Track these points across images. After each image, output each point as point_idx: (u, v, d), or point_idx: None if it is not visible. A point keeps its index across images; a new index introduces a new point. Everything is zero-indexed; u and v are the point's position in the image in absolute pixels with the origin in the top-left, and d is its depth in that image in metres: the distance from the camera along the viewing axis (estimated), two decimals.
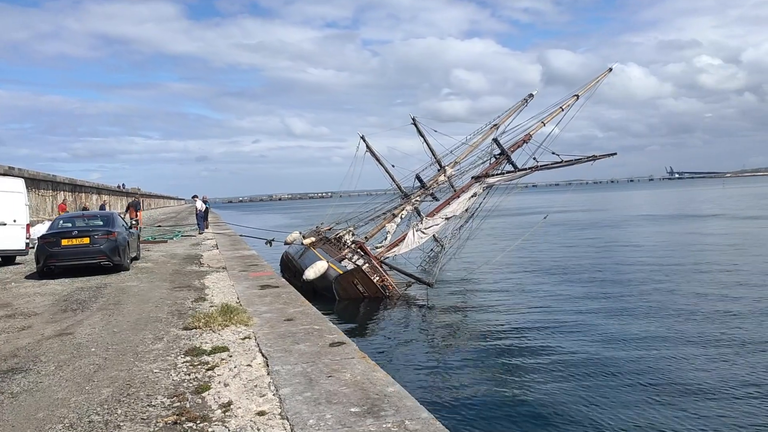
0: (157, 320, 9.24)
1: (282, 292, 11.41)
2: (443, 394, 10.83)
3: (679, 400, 10.24)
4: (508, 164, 23.90)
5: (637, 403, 10.17)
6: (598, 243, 36.42)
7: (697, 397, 10.37)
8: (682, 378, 11.30)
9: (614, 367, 12.02)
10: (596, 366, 12.19)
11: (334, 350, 6.87)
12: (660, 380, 11.22)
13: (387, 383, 5.63)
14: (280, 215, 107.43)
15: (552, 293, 20.67)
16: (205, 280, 13.81)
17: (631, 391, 10.75)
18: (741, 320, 15.39)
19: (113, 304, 10.90)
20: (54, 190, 36.44)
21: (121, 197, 56.90)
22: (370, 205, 28.31)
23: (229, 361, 6.70)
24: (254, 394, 5.54)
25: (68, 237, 15.23)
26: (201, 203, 33.32)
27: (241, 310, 9.09)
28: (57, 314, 10.10)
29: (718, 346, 13.23)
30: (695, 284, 20.95)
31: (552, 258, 29.85)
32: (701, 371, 11.69)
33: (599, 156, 22.83)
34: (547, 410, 9.97)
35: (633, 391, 10.74)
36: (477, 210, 24.18)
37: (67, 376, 6.42)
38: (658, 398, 10.34)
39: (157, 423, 4.94)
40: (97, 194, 47.72)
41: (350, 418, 4.77)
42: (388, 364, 12.30)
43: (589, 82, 24.84)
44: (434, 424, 4.64)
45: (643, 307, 17.52)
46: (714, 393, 10.51)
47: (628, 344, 13.75)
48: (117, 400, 5.54)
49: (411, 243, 22.91)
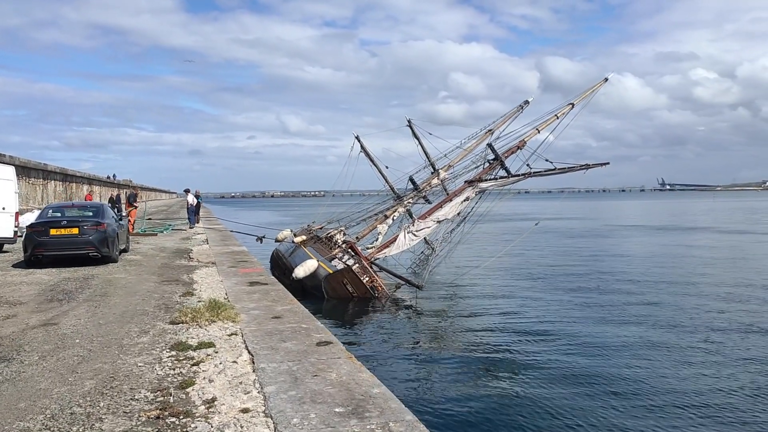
0: (143, 313, 9.18)
1: (271, 290, 11.37)
2: (429, 397, 10.84)
3: (661, 407, 10.29)
4: (501, 170, 23.94)
5: (618, 410, 10.22)
6: (588, 251, 36.57)
7: (680, 405, 10.42)
8: (665, 386, 11.35)
9: (597, 375, 12.08)
10: (580, 373, 12.25)
11: (321, 349, 6.85)
12: (643, 388, 11.28)
13: (372, 384, 5.62)
14: (272, 212, 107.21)
15: (540, 300, 20.73)
16: (194, 274, 13.75)
17: (613, 398, 10.80)
18: (725, 332, 15.48)
19: (100, 295, 10.82)
20: (45, 179, 36.17)
21: (112, 188, 56.57)
22: (363, 205, 28.34)
23: (215, 357, 6.66)
24: (239, 391, 5.51)
25: (57, 227, 15.13)
26: (192, 197, 33.21)
27: (229, 306, 9.05)
28: (43, 304, 10.02)
29: (701, 356, 13.32)
30: (680, 295, 21.06)
31: (541, 265, 29.95)
32: (684, 380, 11.75)
33: (592, 165, 22.89)
34: (532, 415, 10.00)
35: (615, 398, 10.79)
36: (469, 214, 24.20)
37: (51, 366, 6.37)
38: (640, 405, 10.39)
39: (140, 417, 4.91)
40: (88, 184, 47.40)
41: (334, 418, 4.76)
42: (375, 365, 12.30)
43: (584, 91, 24.95)
44: (418, 426, 4.63)
45: (628, 317, 17.62)
46: (694, 401, 10.57)
47: (613, 352, 13.82)
48: (100, 393, 5.50)
49: (402, 245, 22.91)
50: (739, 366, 12.70)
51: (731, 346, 14.26)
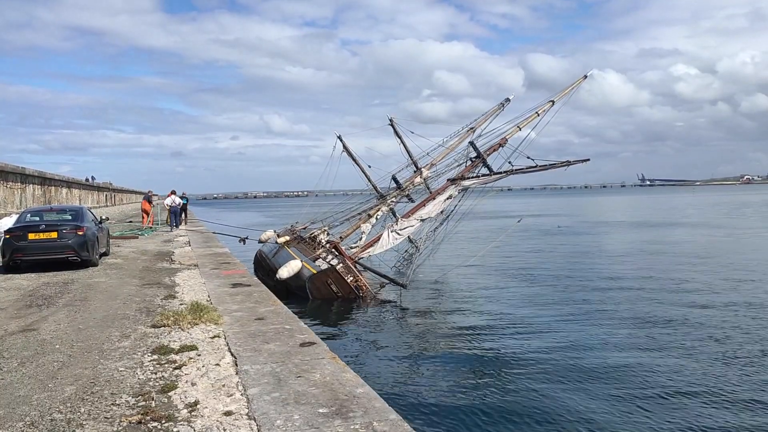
0: (124, 317, 9.09)
1: (254, 291, 11.31)
2: (413, 396, 10.85)
3: (644, 401, 10.41)
4: (483, 167, 24.08)
5: (600, 404, 10.31)
6: (570, 247, 36.87)
7: (663, 397, 10.56)
8: (650, 381, 11.48)
9: (580, 370, 12.18)
10: (563, 368, 12.34)
11: (305, 350, 6.83)
12: (626, 382, 11.39)
13: (356, 384, 5.62)
14: (256, 213, 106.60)
15: (524, 296, 20.86)
16: (176, 277, 13.63)
17: (595, 392, 10.91)
18: (705, 325, 15.70)
19: (80, 300, 10.69)
20: (23, 182, 35.63)
21: (92, 191, 55.84)
22: (346, 205, 28.26)
23: (198, 360, 6.62)
24: (222, 394, 5.48)
25: (35, 231, 14.94)
26: (173, 198, 32.95)
27: (212, 309, 9.00)
28: (22, 310, 9.88)
29: (682, 348, 13.49)
30: (661, 290, 21.29)
31: (525, 261, 30.12)
32: (669, 374, 11.89)
33: (573, 161, 23.11)
34: (516, 412, 10.06)
35: (597, 392, 10.90)
36: (452, 212, 24.29)
37: (30, 373, 6.28)
38: (623, 399, 10.50)
39: (121, 422, 4.86)
40: (67, 188, 46.76)
41: (318, 419, 4.75)
42: (359, 365, 12.30)
43: (564, 88, 25.17)
44: (402, 425, 4.64)
45: (610, 311, 17.78)
46: (675, 394, 10.71)
47: (595, 347, 13.94)
48: (80, 399, 5.44)
49: (386, 244, 22.92)
50: (722, 354, 12.89)
51: (714, 338, 14.46)
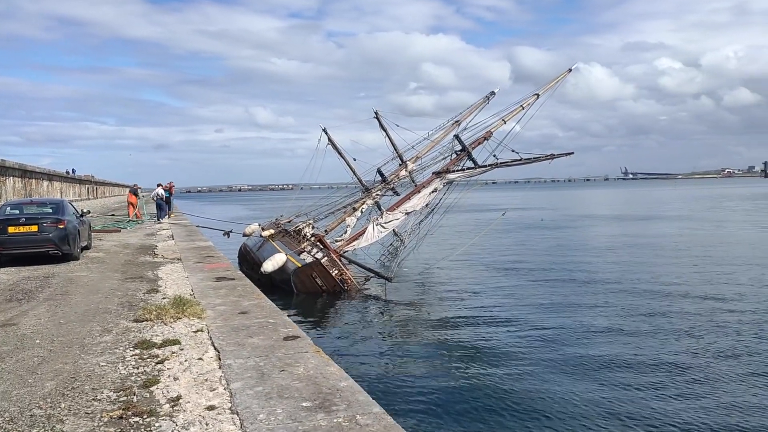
0: (106, 312, 9.01)
1: (237, 285, 11.26)
2: (397, 389, 10.88)
3: (626, 391, 10.54)
4: (468, 160, 24.13)
5: (582, 393, 10.43)
6: (554, 241, 37.11)
7: (643, 387, 10.70)
8: (630, 371, 11.62)
9: (563, 361, 12.31)
10: (548, 359, 12.47)
11: (288, 344, 6.82)
12: (608, 373, 11.53)
13: (340, 378, 5.62)
14: (240, 206, 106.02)
15: (507, 289, 20.98)
16: (159, 271, 13.52)
17: (578, 382, 11.03)
18: (687, 316, 15.93)
19: (61, 294, 10.58)
20: (3, 175, 35.10)
21: (73, 184, 55.16)
22: (331, 198, 28.22)
23: (180, 354, 6.58)
24: (204, 388, 5.46)
25: (15, 224, 14.74)
26: (159, 190, 32.91)
27: (195, 303, 8.94)
28: (1, 304, 9.76)
29: (663, 339, 13.67)
30: (642, 282, 21.53)
31: (509, 254, 30.30)
32: (649, 364, 12.04)
33: (557, 155, 23.24)
34: (500, 404, 10.14)
35: (580, 382, 11.02)
36: (437, 205, 24.34)
37: (10, 368, 6.21)
38: (604, 388, 10.62)
39: (102, 417, 4.82)
40: (48, 180, 46.15)
41: (301, 412, 4.75)
42: (343, 358, 12.30)
43: (549, 82, 25.27)
44: (385, 418, 4.65)
45: (592, 303, 17.96)
46: (656, 384, 10.86)
47: (578, 338, 14.09)
48: (61, 394, 5.38)
49: (371, 237, 22.93)
50: (713, 345, 13.08)
51: (696, 328, 14.66)
